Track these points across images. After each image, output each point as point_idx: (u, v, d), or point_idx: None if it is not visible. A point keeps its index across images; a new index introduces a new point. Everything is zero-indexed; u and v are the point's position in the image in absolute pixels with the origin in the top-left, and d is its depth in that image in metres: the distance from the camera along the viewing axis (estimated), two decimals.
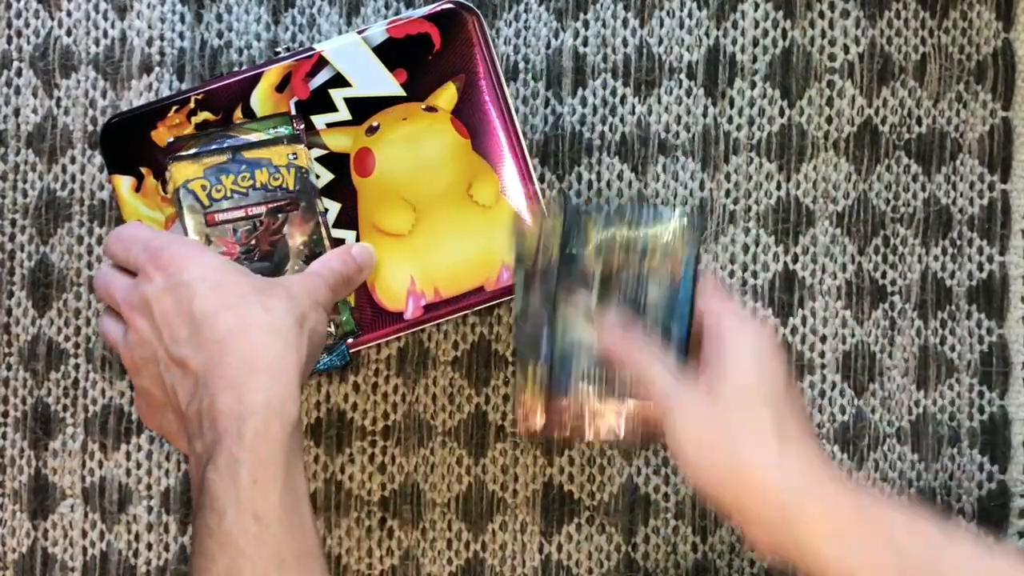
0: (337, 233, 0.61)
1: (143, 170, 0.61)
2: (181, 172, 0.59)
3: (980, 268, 0.68)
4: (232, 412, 0.49)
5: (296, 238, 0.60)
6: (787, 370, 0.54)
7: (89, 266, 0.68)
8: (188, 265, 0.52)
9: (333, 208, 0.61)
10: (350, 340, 0.61)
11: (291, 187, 0.60)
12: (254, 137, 0.59)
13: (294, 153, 0.60)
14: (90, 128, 0.68)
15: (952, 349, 0.68)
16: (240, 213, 0.59)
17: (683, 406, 0.53)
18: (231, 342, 0.50)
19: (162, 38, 0.68)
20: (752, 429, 0.52)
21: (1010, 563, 0.49)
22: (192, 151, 0.59)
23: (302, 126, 0.60)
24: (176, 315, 0.51)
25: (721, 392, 0.53)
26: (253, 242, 0.59)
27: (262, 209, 0.59)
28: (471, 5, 0.61)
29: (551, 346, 0.55)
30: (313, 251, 0.60)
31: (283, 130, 0.60)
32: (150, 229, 0.56)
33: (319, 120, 0.61)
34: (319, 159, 0.61)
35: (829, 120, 0.68)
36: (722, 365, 0.53)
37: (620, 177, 0.68)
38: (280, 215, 0.60)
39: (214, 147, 0.59)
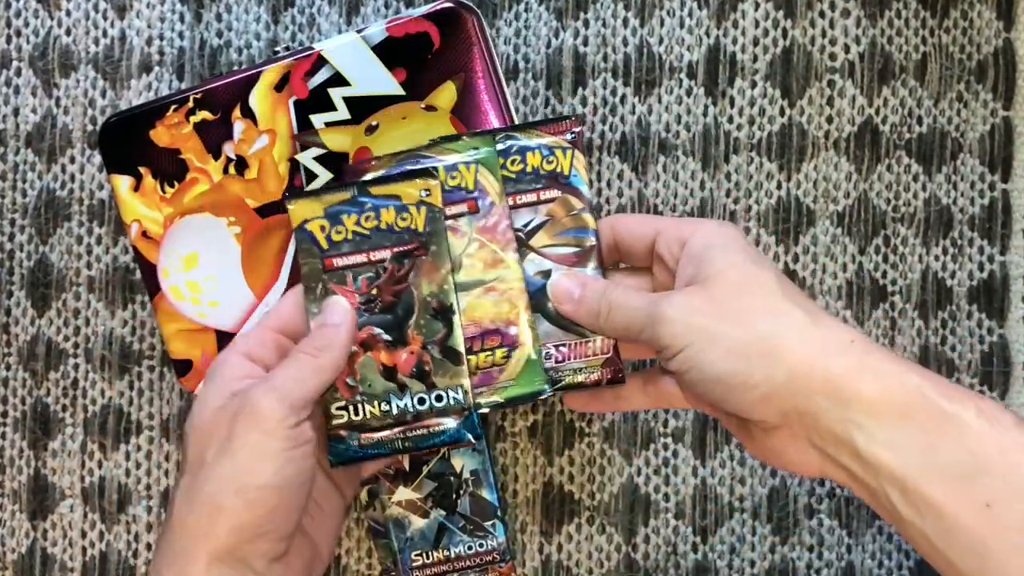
0: None
1: (142, 170, 0.61)
2: (300, 211, 0.53)
3: (981, 268, 0.68)
4: None
5: (423, 288, 0.53)
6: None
7: (88, 266, 0.68)
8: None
9: None
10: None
11: (420, 228, 0.53)
12: (452, 159, 0.53)
13: (427, 190, 0.53)
14: (89, 128, 0.68)
15: (952, 349, 0.68)
16: (361, 258, 0.53)
17: (672, 301, 0.48)
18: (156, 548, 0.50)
19: (162, 38, 0.68)
20: (766, 303, 0.46)
21: None
22: (315, 190, 0.54)
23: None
24: None
25: (710, 278, 0.47)
26: (375, 291, 0.53)
27: (386, 254, 0.53)
28: (471, 4, 0.61)
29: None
30: (441, 303, 0.53)
31: (485, 151, 0.54)
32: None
33: (318, 119, 0.61)
34: (316, 159, 0.61)
35: (829, 120, 0.68)
36: (699, 260, 0.48)
37: (620, 177, 0.68)
38: (406, 261, 0.53)
39: (337, 183, 0.54)
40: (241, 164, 0.61)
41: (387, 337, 0.53)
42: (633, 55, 0.68)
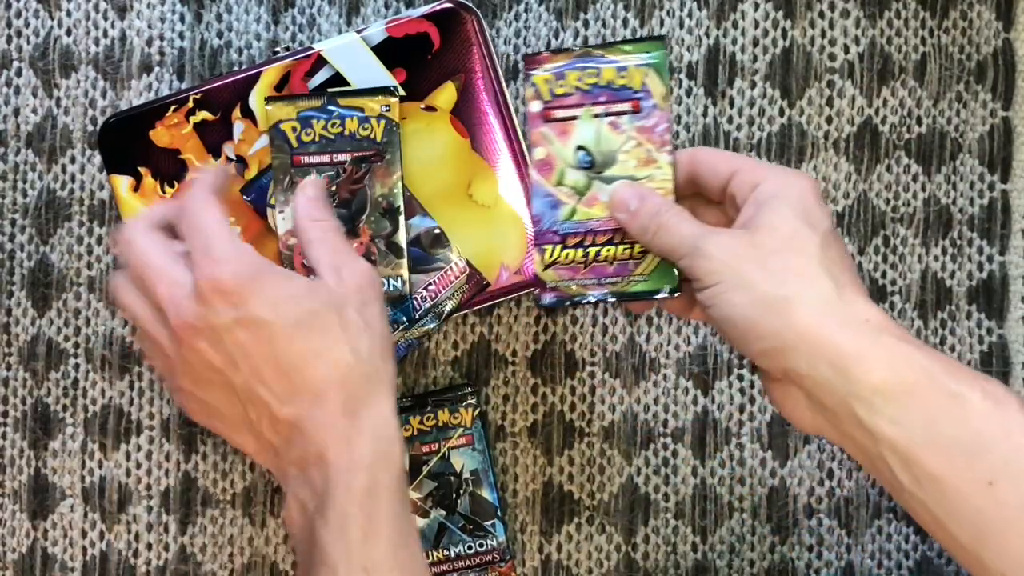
0: None
1: (142, 170, 0.61)
2: (276, 112, 0.60)
3: (980, 268, 0.68)
4: (341, 466, 0.48)
5: (376, 189, 0.60)
6: (833, 220, 0.49)
7: (89, 266, 0.68)
8: (256, 299, 0.49)
9: None
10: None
11: (378, 139, 0.60)
12: (623, 60, 0.55)
13: (387, 105, 0.60)
14: (90, 128, 0.68)
15: (952, 349, 0.68)
16: (325, 159, 0.60)
17: (716, 240, 0.49)
18: (328, 393, 0.49)
19: (162, 38, 0.68)
20: (801, 264, 0.47)
21: None
22: (290, 95, 0.60)
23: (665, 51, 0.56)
24: (257, 354, 0.49)
25: (761, 227, 0.48)
26: (334, 188, 0.60)
27: (347, 157, 0.60)
28: (470, 5, 0.61)
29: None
30: (390, 204, 0.60)
31: (656, 55, 0.55)
32: (215, 222, 0.51)
33: None
34: None
35: (829, 120, 0.68)
36: (760, 206, 0.49)
37: None
38: (363, 165, 0.60)
39: (312, 92, 0.60)
40: (241, 164, 0.61)
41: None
42: None
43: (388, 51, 0.60)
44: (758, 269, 0.47)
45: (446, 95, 0.61)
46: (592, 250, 0.54)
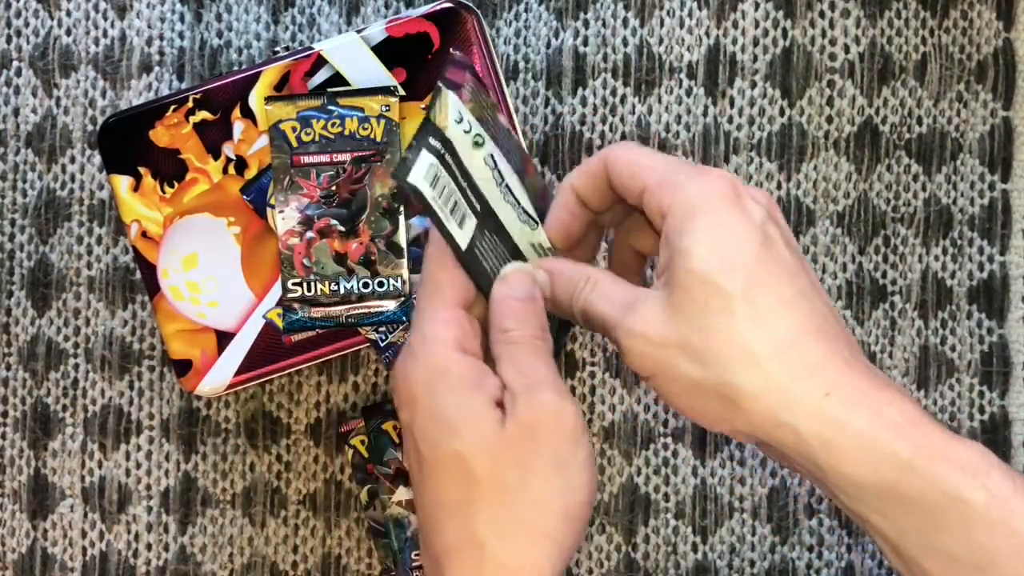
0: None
1: (141, 170, 0.61)
2: (276, 112, 0.60)
3: (980, 268, 0.68)
4: None
5: (376, 189, 0.60)
6: (763, 232, 0.40)
7: (89, 266, 0.68)
8: (418, 410, 0.42)
9: None
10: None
11: (379, 138, 0.60)
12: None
13: (387, 105, 0.60)
14: (90, 128, 0.68)
15: (952, 349, 0.68)
16: (325, 158, 0.60)
17: (633, 322, 0.41)
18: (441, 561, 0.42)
19: (162, 38, 0.68)
20: (728, 333, 0.39)
21: None
22: (290, 95, 0.60)
23: None
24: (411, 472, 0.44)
25: (676, 286, 0.40)
26: (334, 188, 0.60)
27: (347, 157, 0.60)
28: (470, 4, 0.61)
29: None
30: (391, 204, 0.60)
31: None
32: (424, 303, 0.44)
33: None
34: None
35: (829, 120, 0.68)
36: (671, 249, 0.40)
37: None
38: (364, 165, 0.60)
39: (312, 92, 0.60)
40: (241, 164, 0.61)
41: (341, 228, 0.60)
42: (633, 55, 0.68)
43: (388, 51, 0.60)
44: (682, 354, 0.40)
45: None
46: None
